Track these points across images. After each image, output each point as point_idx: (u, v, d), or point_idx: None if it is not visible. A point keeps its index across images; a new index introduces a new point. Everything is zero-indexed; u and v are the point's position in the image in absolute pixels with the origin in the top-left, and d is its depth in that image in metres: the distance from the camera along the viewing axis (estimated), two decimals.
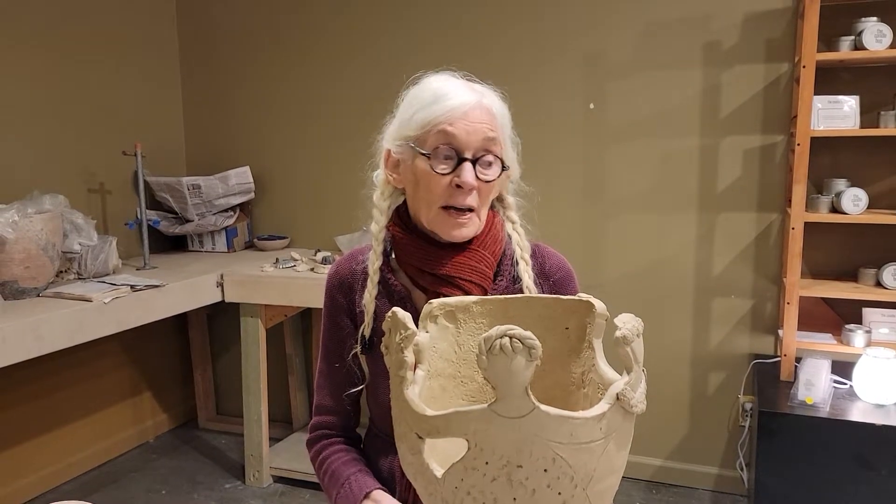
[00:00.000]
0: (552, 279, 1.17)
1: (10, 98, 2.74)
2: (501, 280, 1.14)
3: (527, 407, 0.66)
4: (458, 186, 1.04)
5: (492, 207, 1.16)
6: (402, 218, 1.14)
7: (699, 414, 2.87)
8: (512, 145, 1.13)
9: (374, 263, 1.12)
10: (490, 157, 1.07)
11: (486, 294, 1.10)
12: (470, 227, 1.08)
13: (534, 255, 1.17)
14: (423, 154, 1.04)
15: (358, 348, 1.14)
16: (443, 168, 1.04)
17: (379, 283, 1.13)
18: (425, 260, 1.10)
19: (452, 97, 1.05)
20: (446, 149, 1.04)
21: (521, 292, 1.12)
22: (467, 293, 1.08)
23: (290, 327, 3.36)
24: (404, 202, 1.15)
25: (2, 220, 2.30)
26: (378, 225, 1.13)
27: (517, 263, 1.14)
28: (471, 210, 1.07)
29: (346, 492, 1.10)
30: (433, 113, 1.04)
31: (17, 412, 2.81)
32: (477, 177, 1.05)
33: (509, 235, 1.16)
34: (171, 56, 3.50)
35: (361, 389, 1.19)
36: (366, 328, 1.12)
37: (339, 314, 1.18)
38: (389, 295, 1.14)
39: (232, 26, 3.41)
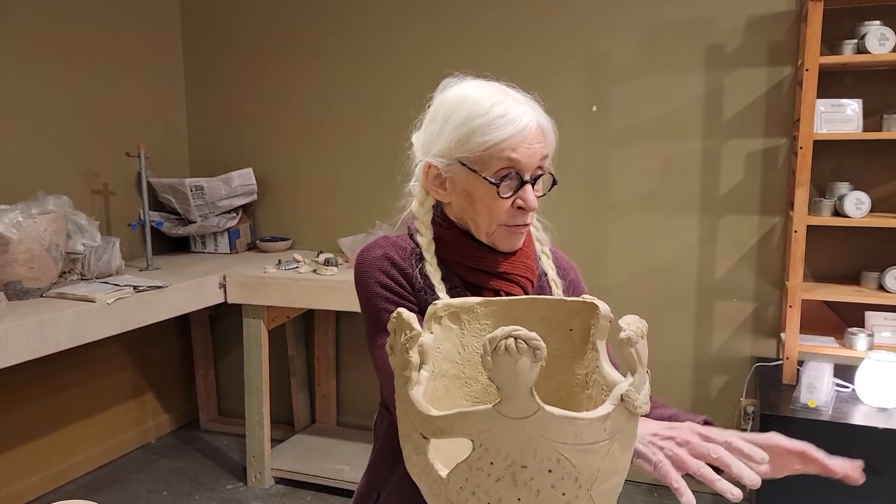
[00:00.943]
0: (568, 279, 1.19)
1: (15, 99, 2.75)
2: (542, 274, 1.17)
3: (531, 408, 0.66)
4: (520, 208, 1.06)
5: None
6: (443, 220, 1.13)
7: None
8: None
9: (434, 276, 1.09)
10: (543, 174, 1.08)
11: (533, 287, 1.13)
12: (524, 237, 1.12)
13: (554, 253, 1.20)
14: (489, 181, 1.03)
15: None
16: (507, 193, 1.05)
17: (431, 286, 1.09)
18: (480, 259, 1.11)
19: (515, 120, 1.02)
20: (510, 173, 1.04)
21: (550, 286, 1.15)
22: (523, 288, 1.11)
23: (292, 329, 3.37)
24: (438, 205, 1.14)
25: (6, 220, 2.30)
26: (426, 238, 1.11)
27: (539, 258, 1.16)
28: (525, 225, 1.10)
29: None
30: (496, 137, 1.02)
31: (20, 412, 2.82)
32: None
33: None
34: (175, 58, 3.51)
35: None
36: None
37: (405, 295, 1.10)
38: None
39: (236, 29, 3.42)
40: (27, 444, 2.85)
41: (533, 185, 1.07)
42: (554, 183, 1.11)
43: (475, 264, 1.11)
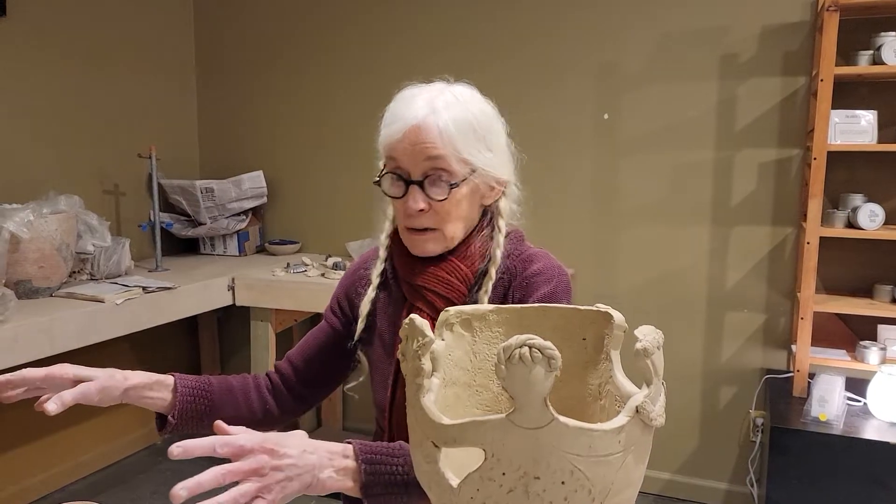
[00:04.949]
0: (535, 294, 1.09)
1: (29, 100, 2.77)
2: (480, 291, 1.09)
3: (545, 418, 0.65)
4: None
5: (484, 214, 1.13)
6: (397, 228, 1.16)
7: (709, 428, 2.85)
8: (486, 153, 1.05)
9: (376, 269, 1.15)
10: (438, 176, 1.03)
11: (462, 303, 1.08)
12: (434, 244, 1.08)
13: (525, 260, 1.11)
14: (375, 180, 1.07)
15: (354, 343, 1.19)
16: (395, 192, 1.06)
17: (381, 287, 1.16)
18: (406, 270, 1.11)
19: (398, 118, 1.04)
20: (394, 171, 1.05)
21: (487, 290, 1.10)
22: (433, 305, 1.07)
23: (299, 332, 3.36)
24: None
25: (17, 219, 2.31)
26: (385, 233, 1.16)
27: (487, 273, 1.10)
28: (429, 230, 1.06)
29: None
30: (384, 138, 1.06)
31: (25, 411, 2.80)
32: (429, 196, 1.04)
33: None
34: (188, 60, 3.53)
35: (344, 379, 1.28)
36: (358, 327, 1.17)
37: (335, 316, 1.23)
38: (390, 299, 1.17)
39: (247, 32, 3.43)
40: (33, 443, 2.86)
41: (424, 186, 1.03)
42: (452, 186, 1.03)
43: (403, 275, 1.13)
